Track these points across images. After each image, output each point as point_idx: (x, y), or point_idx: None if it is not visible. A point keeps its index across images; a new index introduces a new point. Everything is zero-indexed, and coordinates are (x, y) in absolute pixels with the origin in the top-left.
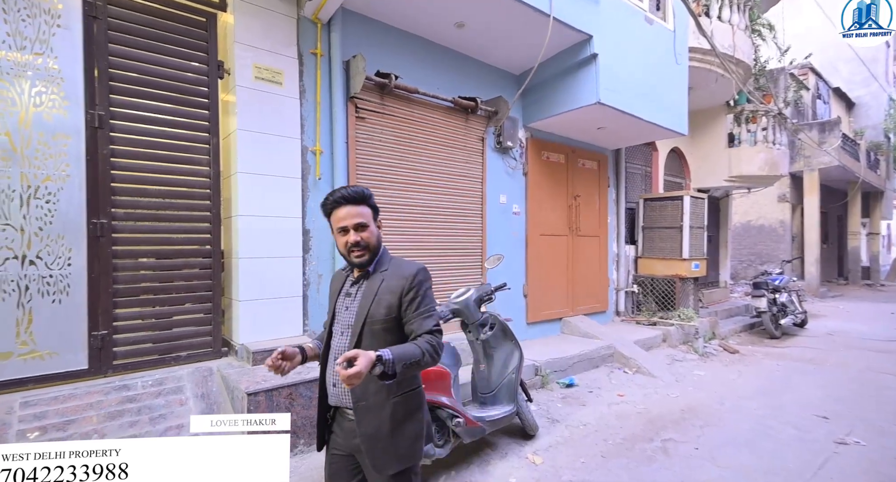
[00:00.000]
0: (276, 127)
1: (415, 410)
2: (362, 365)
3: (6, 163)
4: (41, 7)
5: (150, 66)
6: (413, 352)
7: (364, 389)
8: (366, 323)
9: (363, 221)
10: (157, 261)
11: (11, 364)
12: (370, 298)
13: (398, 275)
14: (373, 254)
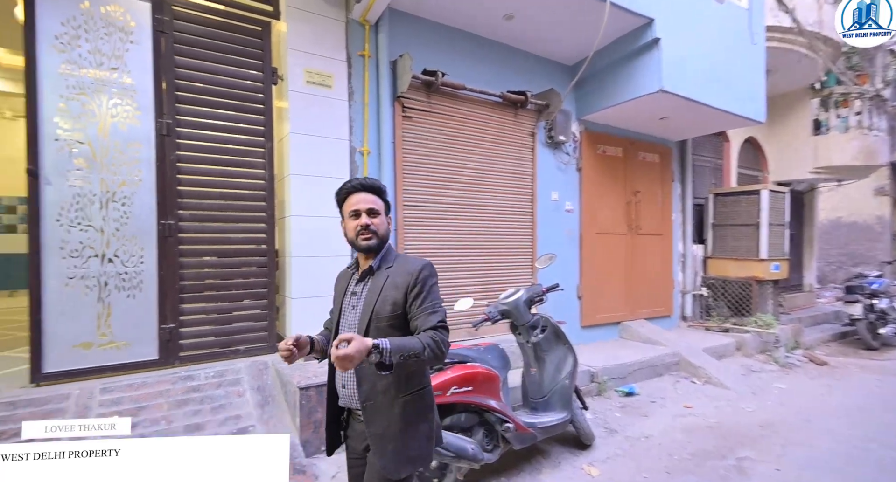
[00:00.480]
0: (325, 129)
1: (425, 410)
2: (354, 348)
3: (88, 169)
4: (117, 25)
5: (211, 76)
6: (413, 344)
7: (371, 388)
8: (371, 320)
9: (376, 208)
10: (218, 259)
11: (93, 353)
12: (375, 295)
13: (403, 272)
14: (381, 240)
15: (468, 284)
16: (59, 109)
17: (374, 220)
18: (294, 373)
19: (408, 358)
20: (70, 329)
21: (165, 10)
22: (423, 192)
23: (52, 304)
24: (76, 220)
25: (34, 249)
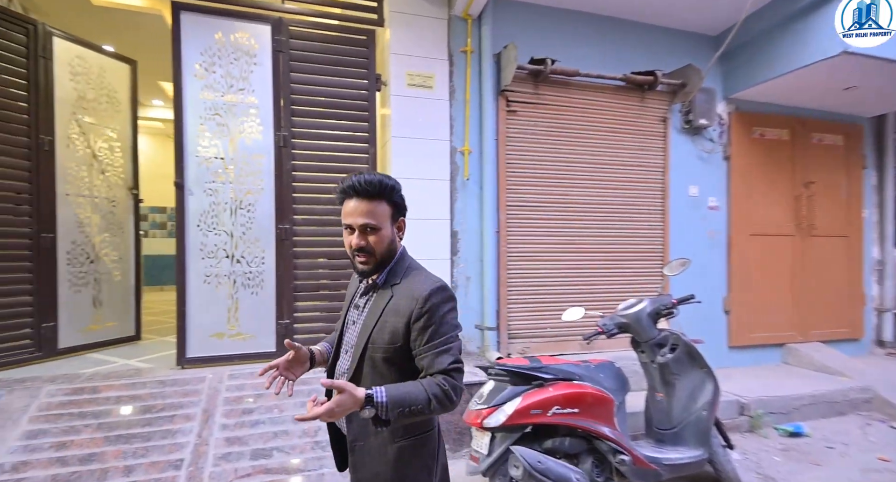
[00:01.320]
0: (426, 131)
1: (425, 457)
2: (337, 402)
3: (221, 181)
4: (243, 50)
5: (321, 88)
6: (416, 396)
7: (362, 427)
8: (366, 348)
9: (372, 223)
10: (328, 261)
11: (224, 343)
12: (374, 319)
13: (408, 295)
14: (380, 262)
15: (580, 292)
16: (199, 129)
17: (371, 237)
18: None
19: (409, 413)
20: (207, 321)
21: (283, 30)
22: (530, 191)
23: (194, 299)
24: (212, 225)
25: (181, 251)
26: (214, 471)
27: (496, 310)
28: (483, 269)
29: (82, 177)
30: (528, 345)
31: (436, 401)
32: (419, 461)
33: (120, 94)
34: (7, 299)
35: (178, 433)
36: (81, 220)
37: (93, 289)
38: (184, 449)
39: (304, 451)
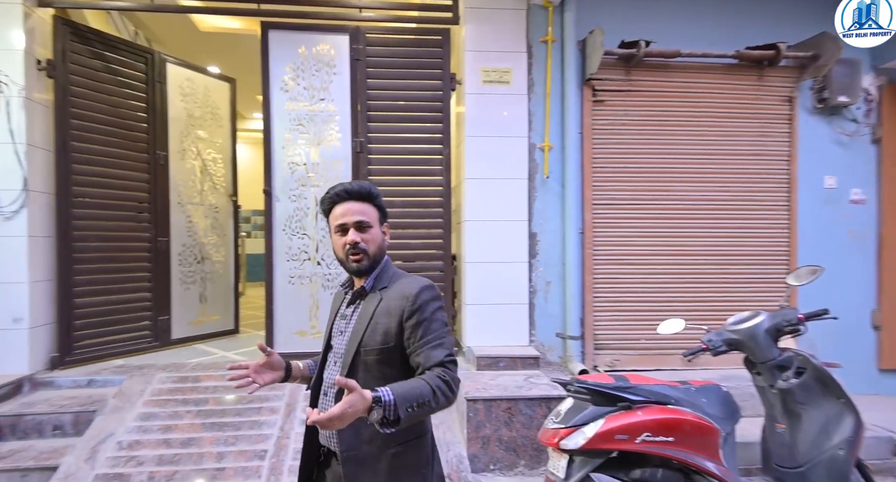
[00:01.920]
0: (502, 128)
1: (419, 464)
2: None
3: (304, 187)
4: (324, 61)
5: (396, 92)
6: (421, 390)
7: (355, 435)
8: (359, 352)
9: (365, 220)
10: (402, 264)
11: (305, 341)
12: (365, 323)
13: (398, 295)
14: (373, 261)
15: (680, 301)
16: (285, 139)
17: (365, 234)
18: (465, 382)
19: (417, 408)
20: (291, 319)
21: (360, 39)
22: (620, 188)
23: (280, 298)
24: (296, 229)
25: (268, 253)
26: (293, 465)
27: (580, 318)
28: (565, 273)
29: (191, 186)
30: (617, 358)
31: (440, 393)
32: (413, 469)
33: (221, 110)
34: (131, 295)
35: (264, 425)
36: (190, 224)
37: (199, 286)
38: (268, 440)
39: None
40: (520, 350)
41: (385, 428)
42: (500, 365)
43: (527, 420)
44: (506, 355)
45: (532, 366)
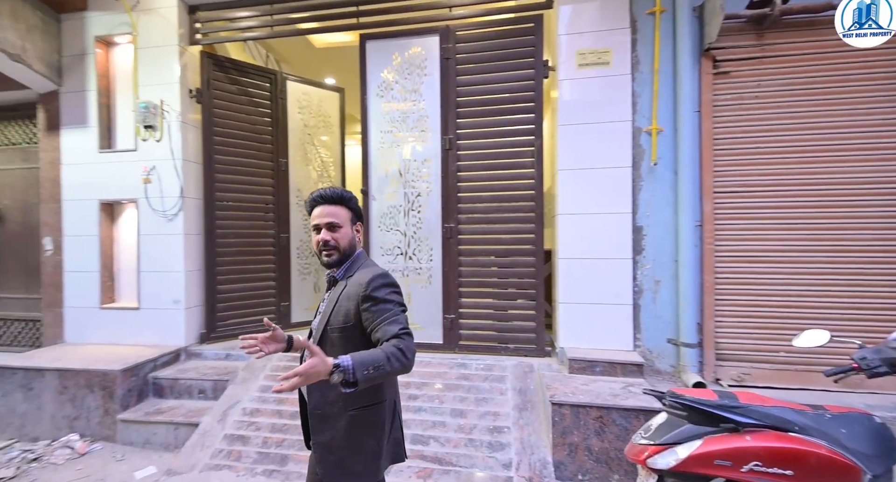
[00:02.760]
0: (600, 113)
1: (374, 426)
2: (306, 368)
3: (397, 186)
4: (416, 64)
5: (485, 86)
6: (376, 356)
7: (322, 396)
8: (325, 330)
9: (335, 221)
10: (491, 259)
11: None
12: (331, 306)
13: (356, 283)
14: (342, 255)
15: (824, 308)
16: (380, 142)
17: (334, 234)
18: (554, 384)
19: (374, 371)
20: None
21: (450, 37)
22: (748, 172)
23: None
24: (389, 225)
25: (366, 248)
26: None
27: (697, 324)
28: (678, 272)
29: (307, 188)
30: (747, 372)
31: (394, 359)
32: (368, 430)
33: (332, 117)
34: (260, 284)
35: None
36: (306, 221)
37: (314, 277)
38: None
39: (458, 446)
40: (621, 355)
41: (346, 388)
42: (596, 369)
43: (621, 431)
44: (603, 359)
45: (634, 374)
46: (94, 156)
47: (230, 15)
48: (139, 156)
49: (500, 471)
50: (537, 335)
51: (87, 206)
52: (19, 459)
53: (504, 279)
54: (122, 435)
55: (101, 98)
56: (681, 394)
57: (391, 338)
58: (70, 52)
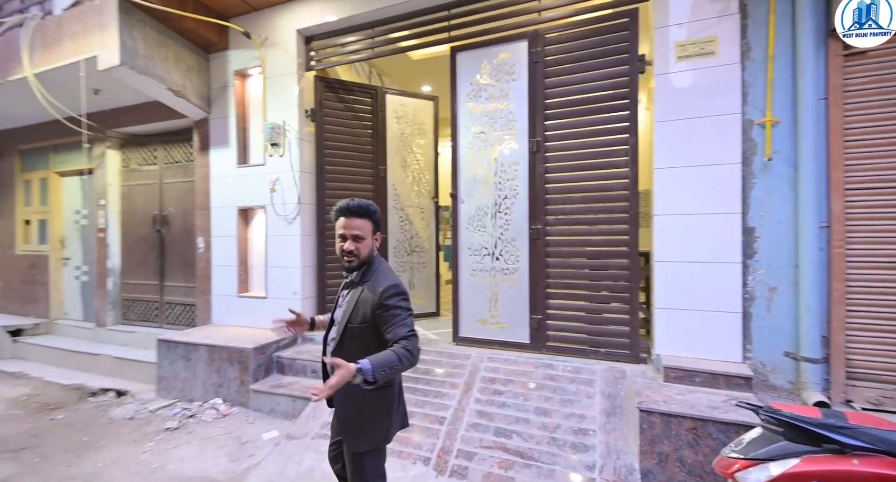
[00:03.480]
0: (704, 107)
1: (387, 404)
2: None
3: (485, 189)
4: (504, 69)
5: (575, 87)
6: (389, 358)
7: None
8: (346, 327)
9: (360, 234)
10: (581, 260)
11: (486, 328)
12: (352, 306)
13: (372, 290)
14: (361, 262)
15: None
16: (469, 147)
17: (358, 244)
18: (644, 391)
19: (388, 370)
20: (472, 308)
21: (539, 41)
22: (888, 166)
23: (464, 288)
24: (477, 227)
25: (455, 248)
26: (465, 435)
27: (823, 337)
28: (798, 278)
29: (403, 192)
30: (888, 395)
31: (405, 359)
32: (381, 406)
33: (426, 124)
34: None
35: (446, 397)
36: (402, 223)
37: (409, 274)
38: (447, 410)
39: (540, 442)
40: (727, 366)
41: (366, 386)
42: (696, 380)
43: (719, 446)
44: (705, 370)
45: (741, 388)
46: (233, 170)
47: (339, 41)
48: (266, 169)
49: (583, 472)
50: (631, 340)
51: (229, 211)
52: (180, 415)
53: (596, 281)
54: (253, 402)
55: (238, 122)
56: (779, 408)
57: (400, 340)
58: (216, 85)
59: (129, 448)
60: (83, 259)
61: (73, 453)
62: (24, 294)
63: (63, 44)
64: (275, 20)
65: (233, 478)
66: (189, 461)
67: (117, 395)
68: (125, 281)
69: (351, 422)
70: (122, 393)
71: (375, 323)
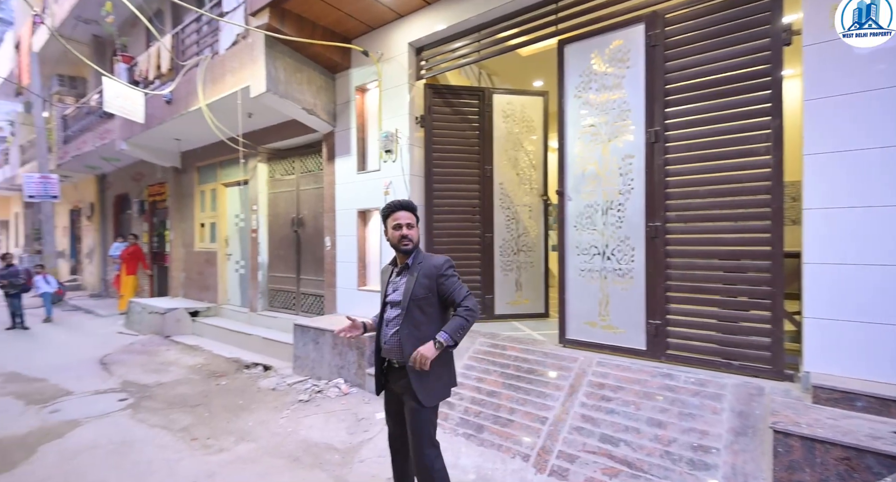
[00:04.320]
0: (873, 78)
1: (447, 362)
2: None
3: (595, 185)
4: (616, 58)
5: (701, 69)
6: (460, 323)
7: (413, 349)
8: (410, 300)
9: (411, 222)
10: (709, 261)
11: (595, 331)
12: (413, 283)
13: (431, 265)
14: (414, 246)
15: None
16: (577, 143)
17: (410, 231)
18: (784, 410)
19: (461, 332)
20: (581, 309)
21: (657, 23)
22: None
23: (571, 289)
24: (585, 225)
25: (561, 248)
26: (567, 438)
27: None
28: None
29: (510, 190)
30: None
31: (470, 318)
32: (443, 364)
33: (535, 121)
34: (466, 278)
35: (548, 397)
36: (509, 222)
37: (515, 273)
38: (549, 411)
39: (652, 454)
40: None
41: (450, 349)
42: (857, 404)
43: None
44: (870, 393)
45: None
46: (353, 176)
47: (447, 48)
48: (381, 174)
49: None
50: (773, 354)
51: (350, 213)
52: (310, 390)
53: (729, 285)
54: (368, 384)
55: (358, 132)
56: None
57: (461, 303)
58: (340, 101)
59: (271, 413)
60: (241, 255)
61: (231, 412)
62: (200, 283)
63: (225, 78)
64: (389, 36)
65: (350, 449)
66: (316, 429)
67: (264, 369)
68: (271, 274)
69: (423, 381)
70: (267, 367)
71: (438, 290)
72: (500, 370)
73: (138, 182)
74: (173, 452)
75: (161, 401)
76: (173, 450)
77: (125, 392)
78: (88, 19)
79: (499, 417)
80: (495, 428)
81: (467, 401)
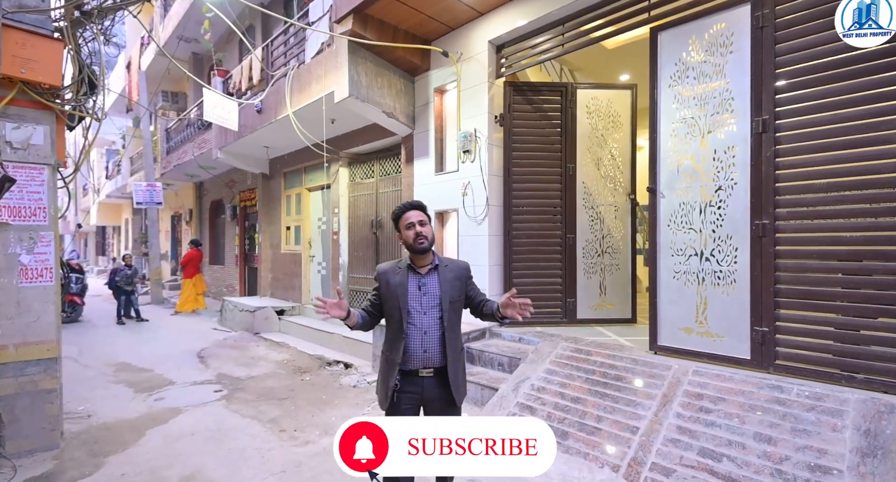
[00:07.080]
0: None
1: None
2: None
3: (691, 181)
4: (717, 44)
5: (819, 49)
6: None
7: (453, 350)
8: (450, 301)
9: (424, 220)
10: (829, 264)
11: (691, 338)
12: (447, 285)
13: (459, 268)
14: (430, 243)
15: None
16: (671, 137)
17: (424, 228)
18: None
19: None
20: (675, 314)
21: (765, 1)
22: None
23: (664, 292)
24: (681, 224)
25: (652, 248)
26: (661, 449)
27: None
28: None
29: (594, 190)
30: None
31: None
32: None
33: (622, 116)
34: (548, 279)
35: (639, 406)
36: (592, 223)
37: (599, 276)
38: (640, 420)
39: (759, 473)
40: None
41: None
42: None
43: None
44: None
45: None
46: (431, 177)
47: (528, 44)
48: (459, 175)
49: None
50: None
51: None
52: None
53: (854, 290)
54: None
55: (436, 134)
56: None
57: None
58: (419, 103)
59: (352, 409)
60: (323, 256)
61: (315, 407)
62: (286, 283)
63: (311, 85)
64: (469, 36)
65: None
66: None
67: (345, 367)
68: (351, 274)
69: (457, 382)
70: (348, 365)
71: (467, 292)
72: (584, 376)
73: (231, 188)
74: (263, 442)
75: (252, 393)
76: (263, 439)
77: (220, 384)
78: (188, 38)
79: (584, 424)
80: (581, 435)
81: (550, 406)
